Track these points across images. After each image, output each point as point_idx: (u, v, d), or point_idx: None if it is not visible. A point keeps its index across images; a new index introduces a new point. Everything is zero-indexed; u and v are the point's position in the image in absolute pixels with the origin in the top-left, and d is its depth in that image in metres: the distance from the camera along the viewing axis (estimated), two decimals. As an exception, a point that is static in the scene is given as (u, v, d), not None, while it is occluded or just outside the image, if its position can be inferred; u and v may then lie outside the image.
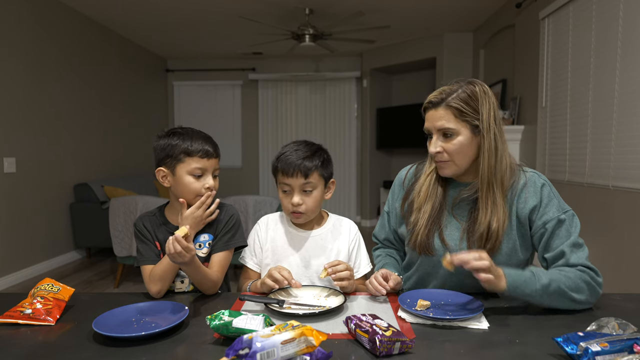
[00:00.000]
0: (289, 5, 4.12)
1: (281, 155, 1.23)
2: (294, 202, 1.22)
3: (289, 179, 1.21)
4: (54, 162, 3.94)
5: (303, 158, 1.21)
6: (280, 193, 1.26)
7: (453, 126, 1.09)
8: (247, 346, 0.72)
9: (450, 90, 1.10)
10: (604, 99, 2.67)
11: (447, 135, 1.11)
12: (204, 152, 1.19)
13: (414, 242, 1.18)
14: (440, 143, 1.12)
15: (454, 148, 1.11)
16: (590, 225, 2.79)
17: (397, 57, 5.52)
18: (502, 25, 4.24)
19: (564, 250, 1.06)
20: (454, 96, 1.09)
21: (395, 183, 1.34)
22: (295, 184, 1.21)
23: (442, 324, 0.96)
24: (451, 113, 1.09)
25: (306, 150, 1.23)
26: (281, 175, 1.23)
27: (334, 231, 1.32)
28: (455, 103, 1.08)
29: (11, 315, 0.99)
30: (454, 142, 1.10)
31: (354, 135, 6.27)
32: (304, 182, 1.21)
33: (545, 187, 1.13)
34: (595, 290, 1.04)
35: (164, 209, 1.30)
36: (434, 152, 1.13)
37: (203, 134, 1.24)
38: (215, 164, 1.23)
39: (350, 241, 1.33)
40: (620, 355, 0.75)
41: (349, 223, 1.36)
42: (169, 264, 1.16)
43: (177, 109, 6.42)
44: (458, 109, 1.09)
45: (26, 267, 3.62)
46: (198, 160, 1.19)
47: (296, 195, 1.22)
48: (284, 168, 1.21)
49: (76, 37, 4.24)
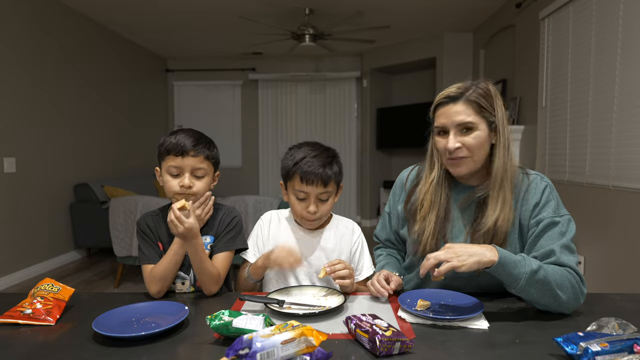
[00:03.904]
0: (289, 5, 4.12)
1: (300, 162, 1.18)
2: (310, 211, 1.20)
3: (308, 187, 1.18)
4: (54, 162, 3.94)
5: (324, 166, 1.17)
6: (293, 198, 1.22)
7: (473, 120, 1.08)
8: (247, 346, 0.72)
9: (465, 86, 1.10)
10: (604, 99, 2.67)
11: (466, 130, 1.09)
12: (178, 150, 1.16)
13: (423, 252, 1.16)
14: (459, 138, 1.09)
15: (474, 142, 1.09)
16: (590, 225, 2.79)
17: (397, 57, 5.52)
18: (502, 25, 4.24)
19: (554, 249, 1.04)
20: (473, 91, 1.09)
21: (397, 184, 1.34)
22: (313, 192, 1.19)
23: (442, 324, 0.96)
24: (471, 107, 1.08)
25: (325, 157, 1.20)
26: (299, 182, 1.18)
27: (337, 232, 1.32)
28: (475, 97, 1.08)
29: (11, 315, 0.99)
30: (472, 135, 1.09)
31: (354, 135, 6.27)
32: (323, 191, 1.19)
33: (546, 189, 1.12)
34: (577, 297, 1.01)
35: (167, 209, 1.30)
36: (452, 147, 1.09)
37: (192, 133, 1.21)
38: (194, 162, 1.18)
39: (353, 243, 1.32)
40: (620, 355, 0.75)
41: (352, 225, 1.36)
42: (170, 263, 1.16)
43: (177, 109, 6.42)
44: (478, 103, 1.08)
45: (26, 267, 3.62)
46: (173, 158, 1.17)
47: (313, 204, 1.20)
48: (304, 175, 1.17)
49: (76, 37, 4.25)
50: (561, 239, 1.05)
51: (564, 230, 1.07)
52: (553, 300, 0.99)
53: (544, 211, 1.09)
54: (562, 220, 1.08)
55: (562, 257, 1.03)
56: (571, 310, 1.02)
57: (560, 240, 1.05)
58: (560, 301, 0.99)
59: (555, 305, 1.00)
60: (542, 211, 1.09)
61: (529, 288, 0.98)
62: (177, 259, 1.18)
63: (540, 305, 1.01)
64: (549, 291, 0.98)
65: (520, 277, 0.97)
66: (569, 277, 1.00)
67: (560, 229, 1.07)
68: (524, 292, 0.99)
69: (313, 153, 1.19)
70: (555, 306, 1.00)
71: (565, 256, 1.03)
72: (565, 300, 0.99)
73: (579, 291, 1.01)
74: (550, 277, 0.98)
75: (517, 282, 0.98)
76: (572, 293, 1.00)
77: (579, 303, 1.02)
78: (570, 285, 1.00)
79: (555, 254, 1.03)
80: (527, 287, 0.98)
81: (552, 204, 1.10)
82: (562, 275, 1.00)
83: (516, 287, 0.98)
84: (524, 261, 0.99)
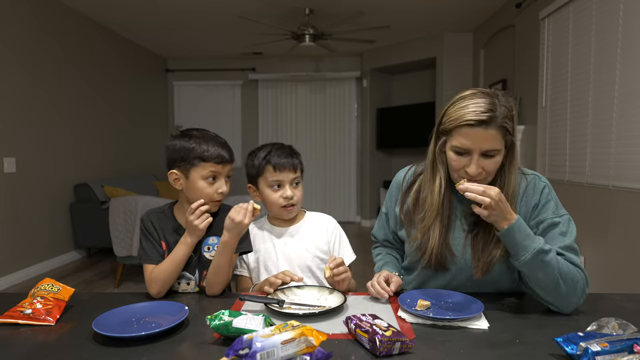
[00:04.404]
0: (289, 5, 4.12)
1: (268, 155, 1.28)
2: (288, 195, 1.27)
3: (282, 174, 1.27)
4: (54, 162, 3.94)
5: (290, 155, 1.29)
6: (268, 191, 1.29)
7: (499, 147, 1.03)
8: (247, 346, 0.72)
9: (493, 105, 1.01)
10: (604, 99, 2.67)
11: (489, 155, 1.03)
12: (219, 158, 1.19)
13: (428, 263, 1.16)
14: (480, 162, 1.03)
15: (494, 167, 1.05)
16: (590, 225, 2.79)
17: (397, 57, 5.52)
18: (502, 25, 4.24)
19: (560, 252, 1.03)
20: (502, 113, 1.01)
21: (393, 185, 1.33)
22: (287, 178, 1.28)
23: (442, 324, 0.96)
24: (501, 134, 1.01)
25: (287, 148, 1.32)
26: (272, 172, 1.27)
27: (313, 226, 1.37)
28: (506, 123, 1.01)
29: (11, 315, 0.99)
30: (494, 160, 1.04)
31: (354, 135, 6.27)
32: (295, 176, 1.29)
33: (545, 189, 1.12)
34: (579, 295, 1.01)
35: (174, 207, 1.29)
36: (475, 173, 1.04)
37: (219, 139, 1.24)
38: (229, 170, 1.24)
39: (330, 235, 1.37)
40: (620, 355, 0.75)
41: (326, 218, 1.41)
42: (171, 266, 1.16)
43: (177, 109, 6.42)
44: (507, 129, 1.02)
45: (26, 267, 3.62)
46: (213, 165, 1.19)
47: (288, 189, 1.28)
48: (276, 164, 1.26)
49: (76, 37, 4.25)
50: (564, 240, 1.05)
51: (564, 231, 1.07)
52: (553, 288, 0.99)
53: (544, 212, 1.09)
54: (562, 221, 1.08)
55: (571, 258, 1.03)
56: (571, 308, 1.02)
57: (564, 242, 1.05)
58: (559, 291, 0.99)
59: (555, 295, 1.00)
60: (541, 212, 1.09)
61: (532, 264, 0.98)
62: (182, 263, 1.18)
63: (540, 290, 1.01)
64: (551, 276, 0.98)
65: (528, 250, 0.98)
66: (575, 274, 1.01)
67: (561, 229, 1.07)
68: (526, 267, 1.00)
69: (276, 147, 1.31)
70: (554, 296, 1.00)
71: (572, 257, 1.04)
72: (565, 292, 0.99)
73: (582, 290, 1.01)
74: (556, 264, 0.99)
75: (523, 253, 0.98)
76: (574, 288, 1.00)
77: (579, 302, 1.02)
78: (576, 281, 1.00)
79: (563, 255, 1.03)
80: (532, 262, 0.98)
81: (551, 205, 1.10)
82: (569, 269, 1.00)
83: (521, 259, 0.99)
84: (538, 239, 1.00)
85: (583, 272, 1.03)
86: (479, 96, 1.03)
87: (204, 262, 1.23)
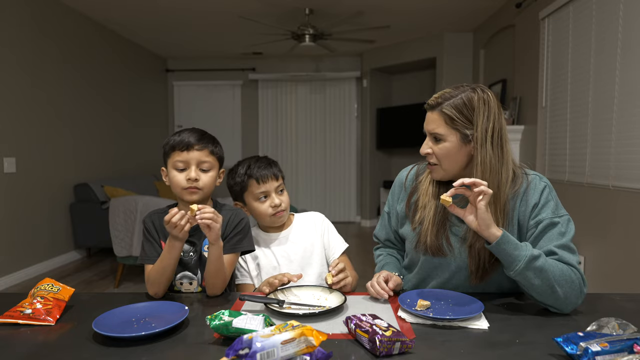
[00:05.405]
0: (289, 5, 4.12)
1: (248, 170, 1.32)
2: (276, 203, 1.32)
3: (266, 185, 1.31)
4: (54, 162, 3.94)
5: (269, 165, 1.34)
6: (256, 204, 1.33)
7: (442, 132, 1.11)
8: (247, 346, 0.72)
9: (449, 95, 1.11)
10: (604, 99, 2.67)
11: (436, 139, 1.13)
12: (183, 145, 1.19)
13: (424, 245, 1.16)
14: (430, 144, 1.14)
15: (441, 152, 1.13)
16: (590, 225, 2.79)
17: (397, 57, 5.52)
18: (502, 25, 4.24)
19: (555, 250, 1.04)
20: (450, 102, 1.09)
21: (396, 184, 1.34)
22: (271, 187, 1.32)
23: (442, 324, 0.96)
24: (442, 119, 1.10)
25: (264, 159, 1.36)
26: (256, 185, 1.31)
27: (303, 225, 1.41)
28: (448, 110, 1.09)
29: (11, 315, 0.99)
30: (440, 146, 1.12)
31: (354, 135, 6.27)
32: (278, 184, 1.34)
33: (545, 189, 1.12)
34: (577, 295, 1.00)
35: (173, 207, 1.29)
36: (423, 152, 1.16)
37: (196, 130, 1.24)
38: (199, 156, 1.19)
39: (320, 227, 1.41)
40: (620, 355, 0.75)
41: (314, 214, 1.45)
42: (161, 268, 1.15)
43: (177, 109, 6.42)
44: (450, 116, 1.09)
45: (26, 267, 3.62)
46: (178, 153, 1.19)
47: (276, 197, 1.33)
48: (259, 176, 1.30)
49: (76, 37, 4.24)
50: (561, 240, 1.05)
51: (563, 231, 1.07)
52: (550, 293, 0.99)
53: (543, 212, 1.09)
54: (562, 221, 1.08)
55: (565, 256, 1.03)
56: (570, 308, 1.02)
57: (560, 241, 1.05)
58: (557, 295, 0.99)
59: (553, 299, 1.00)
60: (541, 212, 1.09)
61: (526, 272, 0.99)
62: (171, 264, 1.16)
63: (538, 295, 1.01)
64: (547, 281, 0.99)
65: (519, 259, 0.99)
66: (570, 274, 1.00)
67: (560, 229, 1.07)
68: (521, 276, 1.00)
69: (254, 160, 1.35)
70: (553, 300, 1.00)
71: (566, 255, 1.03)
72: (563, 295, 0.99)
73: (579, 290, 1.01)
74: (549, 268, 0.99)
75: (516, 264, 0.99)
76: (571, 290, 1.00)
77: (578, 302, 1.02)
78: (570, 282, 1.00)
79: (556, 254, 1.03)
80: (525, 271, 0.99)
81: (551, 205, 1.10)
82: (562, 270, 1.00)
83: (514, 269, 1.00)
84: (526, 246, 1.01)
85: (578, 271, 1.03)
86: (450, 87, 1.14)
87: (204, 262, 1.23)
